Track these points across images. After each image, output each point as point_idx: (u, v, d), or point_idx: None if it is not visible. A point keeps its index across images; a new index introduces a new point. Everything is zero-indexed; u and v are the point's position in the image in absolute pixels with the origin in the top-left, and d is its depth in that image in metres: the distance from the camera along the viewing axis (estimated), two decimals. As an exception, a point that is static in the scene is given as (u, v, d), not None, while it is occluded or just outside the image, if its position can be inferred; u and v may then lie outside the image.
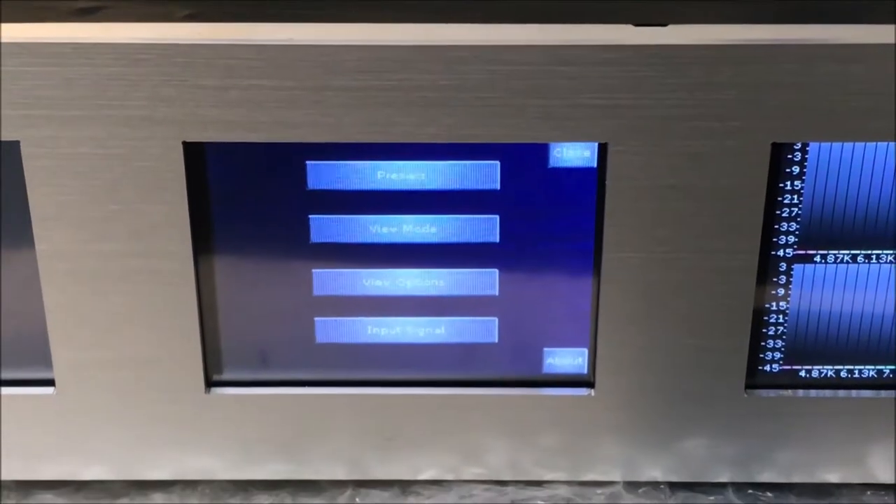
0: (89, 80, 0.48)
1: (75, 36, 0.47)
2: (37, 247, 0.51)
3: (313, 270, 0.52)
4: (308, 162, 0.50)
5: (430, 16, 0.49)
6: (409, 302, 0.53)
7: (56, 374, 0.53)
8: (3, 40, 0.47)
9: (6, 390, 0.54)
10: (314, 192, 0.51)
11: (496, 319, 0.53)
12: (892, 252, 0.52)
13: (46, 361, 0.53)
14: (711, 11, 0.49)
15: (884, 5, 0.50)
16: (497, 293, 0.53)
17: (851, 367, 0.54)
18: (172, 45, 0.47)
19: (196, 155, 0.50)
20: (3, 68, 0.47)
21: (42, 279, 0.51)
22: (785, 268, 0.52)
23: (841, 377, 0.54)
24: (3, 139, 0.49)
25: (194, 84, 0.48)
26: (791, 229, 0.51)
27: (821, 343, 0.54)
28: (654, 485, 0.57)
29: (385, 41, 0.47)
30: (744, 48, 0.47)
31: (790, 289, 0.53)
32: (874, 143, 0.50)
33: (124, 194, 0.50)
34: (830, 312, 0.53)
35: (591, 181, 0.51)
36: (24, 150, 0.49)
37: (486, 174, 0.51)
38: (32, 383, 0.54)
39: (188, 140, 0.49)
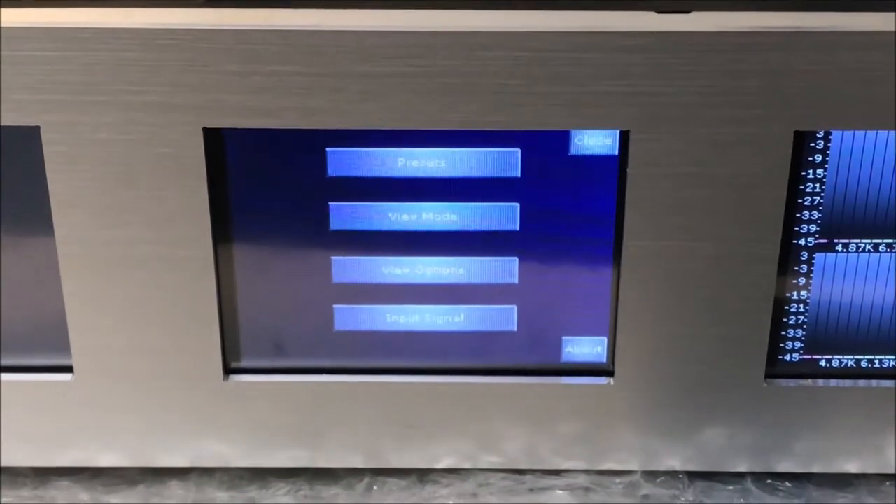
0: (109, 66, 0.48)
1: (95, 20, 0.47)
2: (56, 233, 0.51)
3: (332, 258, 0.52)
4: (328, 149, 0.50)
5: (452, 2, 0.49)
6: (428, 290, 0.53)
7: (74, 360, 0.53)
8: (23, 24, 0.47)
9: (25, 376, 0.54)
10: (334, 179, 0.51)
11: (515, 307, 0.53)
12: (914, 241, 0.52)
13: (65, 348, 0.53)
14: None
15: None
16: (517, 281, 0.53)
17: (872, 356, 0.54)
18: (194, 30, 0.47)
19: (216, 141, 0.50)
20: (22, 53, 0.47)
21: (61, 265, 0.51)
22: (806, 257, 0.52)
23: (861, 367, 0.54)
24: (23, 124, 0.48)
25: (215, 70, 0.48)
26: (813, 218, 0.51)
27: (841, 333, 0.54)
28: (673, 474, 0.56)
29: (407, 27, 0.47)
30: (766, 35, 0.47)
31: (811, 278, 0.52)
32: (897, 132, 0.50)
33: (144, 180, 0.50)
34: (851, 302, 0.53)
35: (612, 169, 0.50)
36: (44, 136, 0.49)
37: (506, 162, 0.51)
38: (51, 370, 0.54)
39: (208, 126, 0.49)
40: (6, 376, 0.54)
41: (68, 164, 0.49)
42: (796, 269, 0.52)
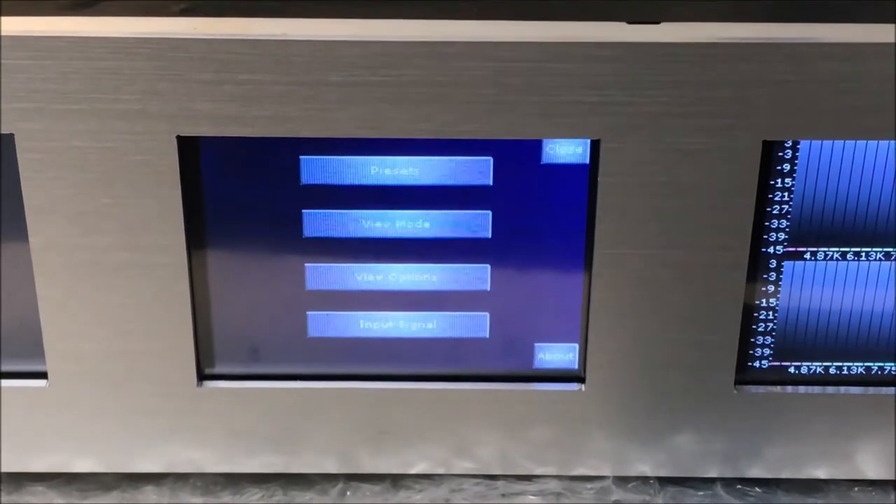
0: (83, 74, 0.48)
1: (70, 29, 0.47)
2: (30, 239, 0.51)
3: (306, 265, 0.53)
4: (302, 157, 0.51)
5: (424, 12, 0.49)
6: (401, 296, 0.53)
7: (49, 366, 0.53)
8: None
9: (-1, 382, 0.54)
10: (308, 186, 0.51)
11: (488, 314, 0.54)
12: (881, 250, 0.52)
13: (39, 354, 0.53)
14: (704, 9, 0.50)
15: (875, 4, 0.50)
16: (489, 288, 0.53)
17: (840, 363, 0.55)
18: (167, 38, 0.47)
19: (190, 149, 0.50)
20: (-2, 61, 0.48)
21: (35, 272, 0.51)
22: (775, 265, 0.53)
23: (829, 374, 0.55)
24: (-2, 132, 0.49)
25: (189, 78, 0.48)
26: (781, 226, 0.52)
27: (810, 340, 0.54)
28: (644, 480, 0.57)
29: (379, 37, 0.48)
30: (735, 46, 0.47)
31: (780, 286, 0.53)
32: (864, 141, 0.50)
33: (118, 188, 0.50)
34: (820, 309, 0.54)
35: (583, 177, 0.51)
36: (19, 144, 0.49)
37: (478, 170, 0.51)
38: (25, 376, 0.54)
39: (182, 134, 0.49)
40: (-19, 382, 0.54)
41: (43, 172, 0.50)
42: (765, 276, 0.53)
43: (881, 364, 0.55)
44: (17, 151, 0.49)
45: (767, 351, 0.54)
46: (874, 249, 0.52)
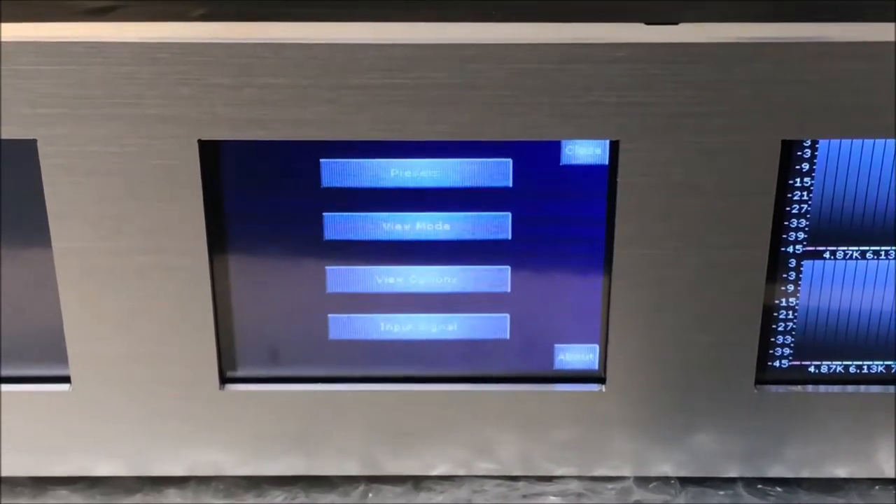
0: (104, 79, 0.48)
1: (90, 35, 0.48)
2: (53, 244, 0.51)
3: (327, 267, 0.53)
4: (322, 160, 0.51)
5: (443, 14, 0.49)
6: (421, 299, 0.53)
7: (72, 370, 0.54)
8: (20, 39, 0.48)
9: (23, 387, 0.54)
10: (328, 189, 0.51)
11: (508, 316, 0.54)
12: (900, 248, 0.52)
13: (62, 358, 0.54)
14: (721, 10, 0.50)
15: (888, 3, 0.50)
16: (509, 290, 0.53)
17: (860, 362, 0.55)
18: (187, 43, 0.48)
19: (211, 153, 0.50)
20: (19, 67, 0.48)
21: (58, 276, 0.52)
22: (794, 264, 0.53)
23: (849, 372, 0.55)
24: (20, 137, 0.49)
25: (209, 83, 0.48)
26: (801, 226, 0.52)
27: (830, 339, 0.54)
28: (665, 480, 0.57)
29: (398, 40, 0.48)
30: (753, 46, 0.48)
31: (800, 285, 0.53)
32: (883, 140, 0.50)
33: (140, 192, 0.50)
34: (839, 308, 0.54)
35: (602, 178, 0.51)
36: (41, 149, 0.49)
37: (498, 172, 0.51)
38: (48, 380, 0.54)
39: (203, 138, 0.49)
40: (5, 387, 0.54)
41: (65, 177, 0.50)
42: (785, 276, 0.53)
43: (901, 362, 0.55)
44: (40, 157, 0.49)
45: (787, 350, 0.54)
46: (893, 248, 0.52)
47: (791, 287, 0.53)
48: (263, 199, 0.51)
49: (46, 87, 0.48)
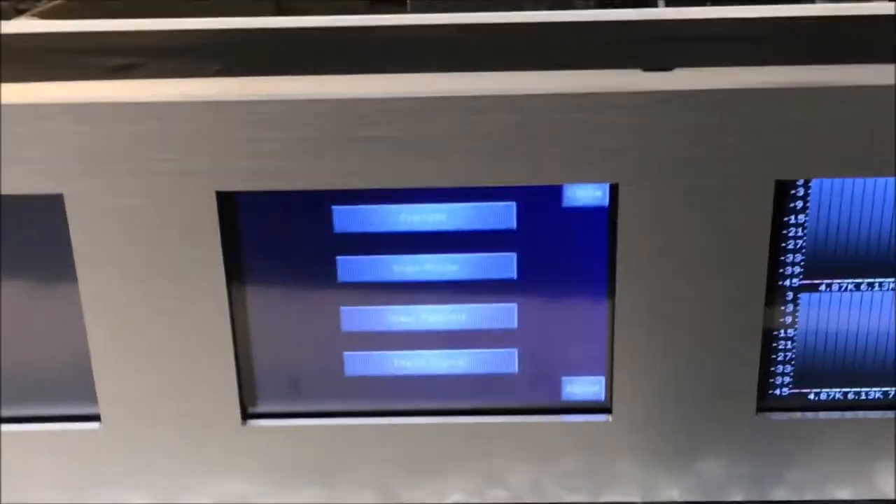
0: (127, 136, 0.51)
1: (114, 95, 0.50)
2: (80, 290, 0.54)
3: (341, 308, 0.55)
4: (334, 206, 0.53)
5: (447, 64, 0.51)
6: (432, 336, 0.56)
7: (102, 409, 0.56)
8: (46, 101, 0.50)
9: (56, 426, 0.57)
10: (341, 234, 0.54)
11: (516, 351, 0.56)
12: (892, 280, 0.54)
13: (92, 398, 0.56)
14: (715, 54, 0.51)
15: (881, 46, 0.52)
16: (516, 326, 0.55)
17: (858, 389, 0.56)
18: (205, 102, 0.50)
19: (228, 203, 0.52)
20: (46, 127, 0.50)
21: (86, 320, 0.54)
22: (792, 296, 0.54)
23: (848, 399, 0.57)
24: (48, 192, 0.51)
25: (226, 137, 0.51)
26: (797, 260, 0.54)
27: (828, 367, 0.56)
28: (672, 504, 0.59)
29: (404, 94, 0.50)
30: (747, 92, 0.49)
31: (797, 316, 0.55)
32: (874, 178, 0.52)
33: (162, 240, 0.53)
34: (837, 337, 0.55)
35: (603, 219, 0.53)
36: (67, 203, 0.52)
37: (503, 214, 0.53)
38: (79, 419, 0.57)
39: (221, 189, 0.52)
40: (40, 425, 0.57)
41: (90, 227, 0.52)
42: (783, 308, 0.55)
43: (898, 389, 0.57)
44: (67, 210, 0.52)
45: (787, 378, 0.56)
46: (886, 280, 0.54)
47: (789, 318, 0.55)
48: (279, 245, 0.54)
49: (72, 144, 0.51)
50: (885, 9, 0.55)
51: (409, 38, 0.53)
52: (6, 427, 0.57)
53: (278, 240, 0.54)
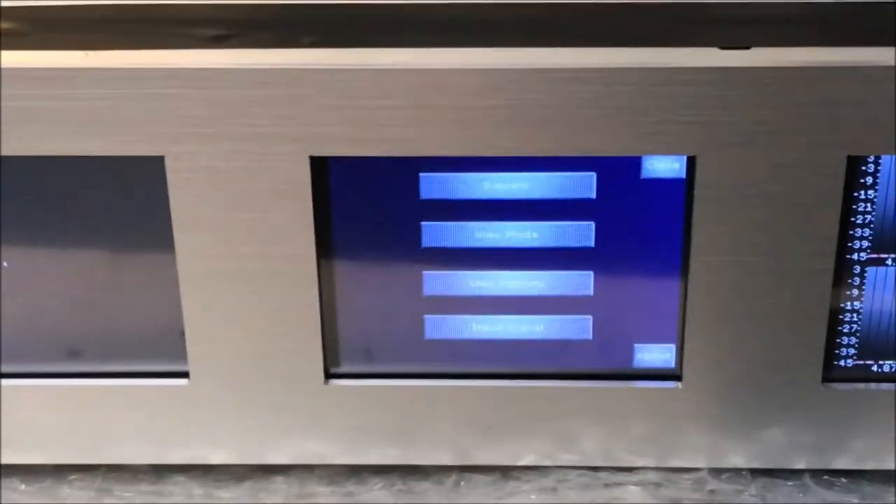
0: (226, 102, 0.53)
1: (214, 62, 0.52)
2: (176, 250, 0.56)
3: (424, 272, 0.57)
4: (421, 174, 0.55)
5: (533, 39, 0.53)
6: (511, 301, 0.58)
7: (191, 366, 0.58)
8: (151, 66, 0.52)
9: (145, 381, 0.59)
10: (426, 201, 0.56)
11: (590, 318, 0.58)
12: (958, 256, 0.56)
13: (182, 355, 0.58)
14: (791, 33, 0.53)
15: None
16: (592, 293, 0.57)
17: (921, 362, 0.58)
18: (300, 69, 0.52)
19: (321, 168, 0.55)
20: (150, 91, 0.53)
21: (180, 279, 0.56)
22: (859, 270, 0.56)
23: (911, 372, 0.59)
24: (150, 154, 0.54)
25: (319, 104, 0.53)
26: (865, 235, 0.55)
27: (892, 340, 0.58)
28: (737, 471, 0.61)
29: (491, 65, 0.52)
30: (820, 70, 0.51)
31: (863, 290, 0.57)
32: (942, 156, 0.54)
33: (255, 203, 0.55)
34: (901, 312, 0.57)
35: (680, 191, 0.55)
36: (168, 164, 0.54)
37: (583, 185, 0.55)
38: (169, 375, 0.59)
39: (314, 154, 0.54)
40: (130, 381, 0.59)
41: (189, 190, 0.55)
42: (850, 281, 0.56)
43: (960, 362, 0.58)
44: (167, 171, 0.54)
45: (852, 350, 0.58)
46: (952, 255, 0.56)
47: (856, 292, 0.57)
48: (367, 210, 0.56)
49: (174, 109, 0.53)
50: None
51: (490, 13, 0.55)
52: (97, 381, 0.59)
53: (366, 205, 0.56)
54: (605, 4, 0.55)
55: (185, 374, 0.59)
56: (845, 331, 0.58)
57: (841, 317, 0.57)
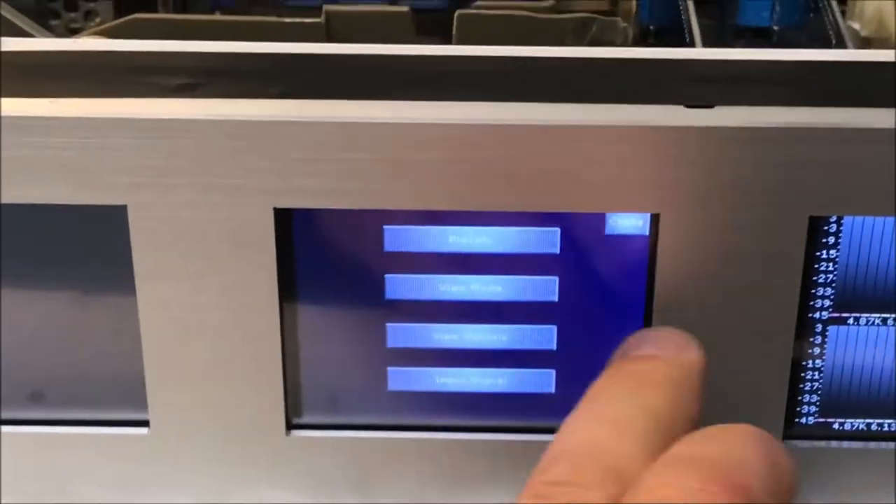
0: (190, 152, 0.53)
1: (179, 112, 0.52)
2: (138, 299, 0.56)
3: (387, 324, 0.57)
4: (386, 226, 0.55)
5: (493, 94, 0.54)
6: (474, 354, 0.58)
7: (151, 414, 0.58)
8: (114, 115, 0.52)
9: (105, 429, 0.59)
10: (391, 253, 0.56)
11: (554, 371, 0.58)
12: (919, 316, 0.56)
13: (142, 404, 0.58)
14: (755, 93, 0.54)
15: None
16: (555, 347, 0.58)
17: (882, 420, 0.58)
18: (265, 122, 0.52)
19: (284, 219, 0.55)
20: (113, 140, 0.52)
21: (142, 329, 0.56)
22: (821, 329, 0.57)
23: (871, 430, 0.59)
24: (112, 203, 0.54)
25: (284, 156, 0.53)
26: (826, 294, 0.56)
27: (853, 398, 0.58)
28: (698, 526, 0.61)
29: (457, 120, 0.52)
30: (784, 130, 0.52)
31: (825, 348, 0.57)
32: (903, 217, 0.54)
33: (219, 254, 0.55)
34: (862, 370, 0.58)
35: (643, 247, 0.55)
36: (130, 214, 0.54)
37: (547, 240, 0.55)
38: (128, 424, 0.59)
39: (278, 206, 0.54)
40: (89, 429, 0.59)
41: (151, 239, 0.54)
42: (812, 339, 0.57)
43: (920, 421, 0.59)
44: (129, 221, 0.54)
45: (813, 408, 0.58)
46: (913, 316, 0.56)
47: (817, 350, 0.57)
48: (331, 262, 0.56)
49: (137, 158, 0.53)
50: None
51: (457, 68, 0.55)
52: (58, 430, 0.59)
53: (331, 256, 0.56)
54: (570, 60, 0.56)
55: (145, 423, 0.59)
56: (807, 388, 0.58)
57: (802, 374, 0.58)
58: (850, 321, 0.56)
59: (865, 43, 0.67)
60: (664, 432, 0.48)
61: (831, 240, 0.55)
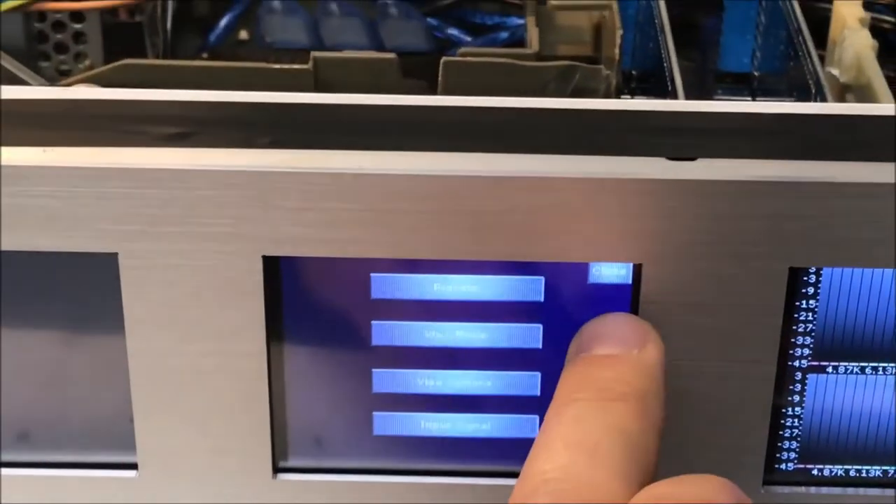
0: (181, 201, 0.53)
1: (170, 162, 0.53)
2: (128, 344, 0.56)
3: (373, 370, 0.58)
4: (372, 274, 0.56)
5: (478, 145, 0.54)
6: (459, 400, 0.58)
7: (139, 457, 0.59)
8: (107, 165, 0.53)
9: (93, 472, 0.60)
10: (377, 300, 0.57)
11: (537, 417, 0.59)
12: (895, 365, 0.57)
13: (130, 446, 0.59)
14: (736, 146, 0.54)
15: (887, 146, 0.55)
16: (539, 394, 0.58)
17: (860, 466, 0.59)
18: (256, 172, 0.53)
19: (273, 267, 0.55)
20: (105, 189, 0.53)
21: (131, 373, 0.57)
22: (800, 377, 0.58)
23: (850, 476, 0.60)
24: (103, 251, 0.54)
25: (274, 206, 0.54)
26: (806, 343, 0.57)
27: (832, 445, 0.59)
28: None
29: (442, 171, 0.53)
30: (765, 184, 0.53)
31: (805, 396, 0.58)
32: (881, 269, 0.55)
33: (208, 300, 0.55)
34: (841, 417, 0.59)
35: (626, 296, 0.56)
36: (121, 262, 0.55)
37: (531, 288, 0.56)
38: (116, 466, 0.60)
39: (267, 254, 0.55)
40: (77, 471, 0.60)
41: (142, 286, 0.55)
42: (791, 387, 0.58)
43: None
44: (120, 268, 0.55)
45: (793, 455, 0.59)
46: (889, 365, 0.57)
47: (797, 398, 0.58)
48: (318, 308, 0.57)
49: (129, 207, 0.53)
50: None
51: (443, 119, 0.56)
52: (46, 472, 0.60)
53: (318, 304, 0.57)
54: (555, 111, 0.56)
55: (133, 466, 0.59)
56: (786, 435, 0.59)
57: (782, 421, 0.58)
58: (829, 370, 0.57)
59: (845, 89, 0.68)
60: (638, 454, 0.50)
61: (811, 290, 0.56)
